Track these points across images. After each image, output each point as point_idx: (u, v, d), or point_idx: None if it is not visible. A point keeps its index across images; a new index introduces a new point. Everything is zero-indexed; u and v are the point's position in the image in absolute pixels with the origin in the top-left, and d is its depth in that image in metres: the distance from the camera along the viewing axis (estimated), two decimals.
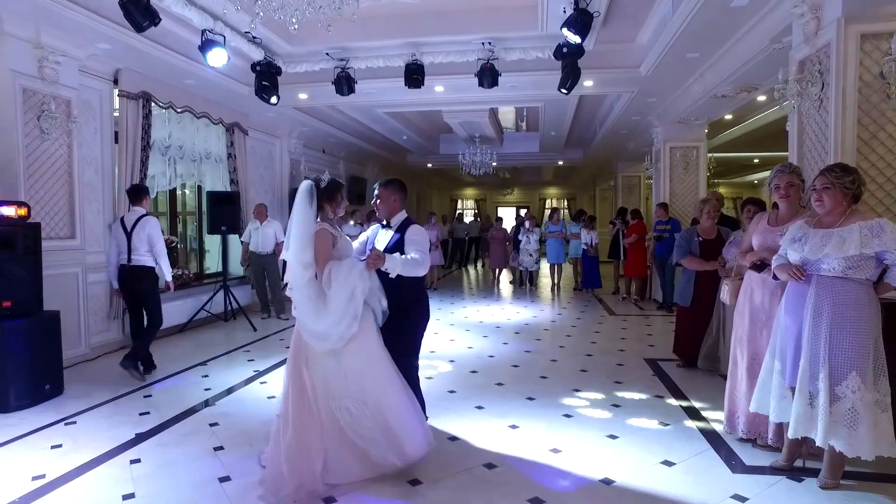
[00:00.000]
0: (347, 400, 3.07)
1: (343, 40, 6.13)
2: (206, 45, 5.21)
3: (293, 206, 3.22)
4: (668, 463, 3.33)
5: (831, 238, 2.84)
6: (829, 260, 2.82)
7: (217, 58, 5.32)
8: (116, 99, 6.35)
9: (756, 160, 14.51)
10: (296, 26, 3.43)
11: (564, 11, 5.06)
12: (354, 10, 3.48)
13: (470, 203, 28.64)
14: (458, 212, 26.37)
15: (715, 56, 5.85)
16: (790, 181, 3.39)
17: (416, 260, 3.32)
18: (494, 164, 14.03)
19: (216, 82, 6.88)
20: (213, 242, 8.57)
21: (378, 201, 3.57)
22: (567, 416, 4.16)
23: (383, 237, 3.57)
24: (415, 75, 6.28)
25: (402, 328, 3.42)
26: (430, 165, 17.45)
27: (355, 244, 3.64)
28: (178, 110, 7.12)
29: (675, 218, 8.69)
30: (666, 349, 6.14)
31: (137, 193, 5.27)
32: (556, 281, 11.64)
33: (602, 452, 3.51)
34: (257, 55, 6.15)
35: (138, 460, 3.40)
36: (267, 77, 6.19)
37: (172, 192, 7.79)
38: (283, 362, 5.72)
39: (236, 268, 8.54)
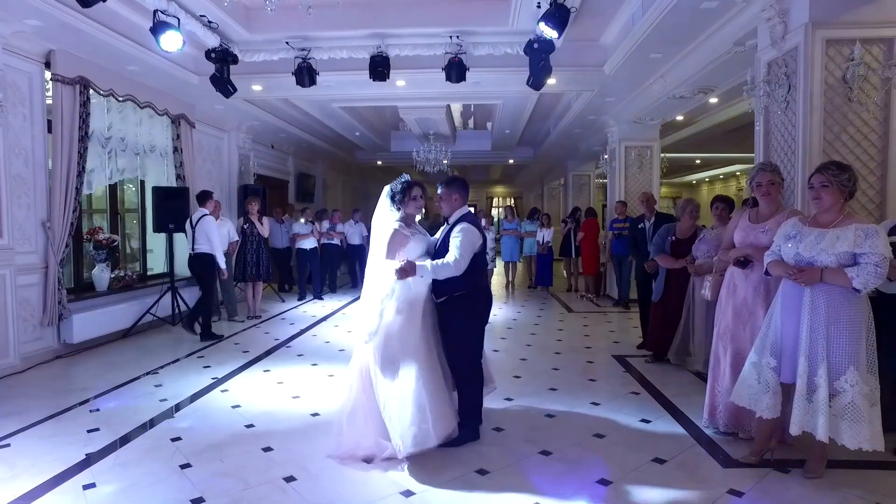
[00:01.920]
0: None
1: (305, 29, 5.83)
2: (158, 28, 4.79)
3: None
4: (659, 460, 3.32)
5: (825, 237, 2.90)
6: (822, 257, 2.87)
7: (171, 42, 4.90)
8: (49, 84, 5.78)
9: (698, 161, 15.16)
10: (273, 7, 3.17)
11: (539, 6, 5.00)
12: None
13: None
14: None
15: (678, 57, 5.97)
16: (771, 179, 3.46)
17: (447, 264, 3.33)
18: (445, 161, 13.94)
19: (163, 69, 6.40)
20: (156, 241, 8.00)
21: (440, 201, 3.62)
22: (549, 416, 4.10)
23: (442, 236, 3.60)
24: (380, 68, 6.06)
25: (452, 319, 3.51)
26: (379, 163, 17.15)
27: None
28: (120, 99, 6.58)
29: (632, 216, 8.83)
30: (631, 345, 6.24)
31: (201, 197, 6.91)
32: (510, 279, 11.68)
33: (593, 452, 3.46)
34: (212, 41, 5.74)
35: (93, 485, 3.05)
36: (225, 66, 5.79)
37: (113, 188, 7.19)
38: (242, 368, 5.39)
39: (183, 268, 8.00)
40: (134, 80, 6.70)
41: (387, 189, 3.59)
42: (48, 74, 5.74)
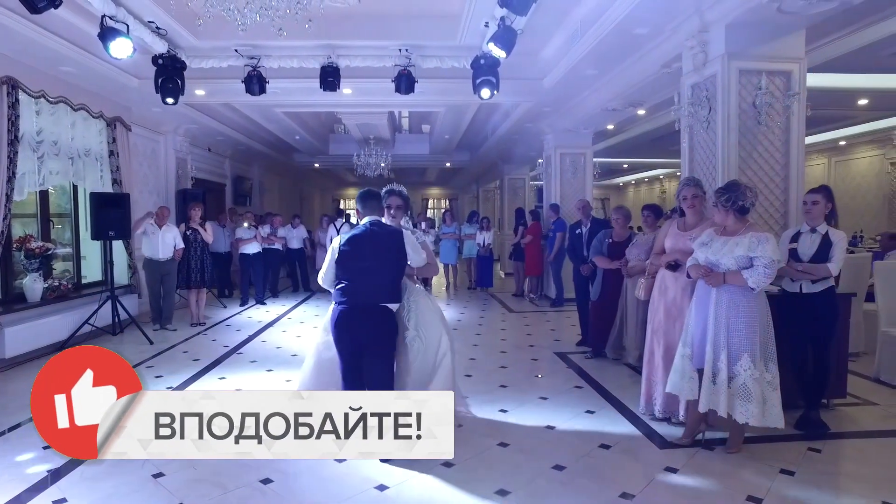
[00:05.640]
0: None
1: (255, 38, 5.83)
2: (107, 34, 4.67)
3: None
4: (605, 446, 3.70)
5: (728, 244, 3.45)
6: (724, 260, 3.42)
7: (121, 48, 4.79)
8: None
9: (625, 165, 16.13)
10: (242, 28, 3.25)
11: (487, 25, 5.31)
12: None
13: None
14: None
15: (611, 74, 6.48)
16: (695, 193, 3.96)
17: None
18: (383, 164, 14.08)
19: (101, 72, 6.20)
20: (90, 248, 7.68)
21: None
22: (503, 410, 4.40)
23: None
24: (330, 78, 6.17)
25: None
26: (317, 165, 17.02)
27: None
28: (52, 100, 6.29)
29: (562, 219, 9.26)
30: (570, 343, 6.68)
31: (341, 214, 9.47)
32: (450, 280, 11.96)
33: (546, 442, 3.80)
34: (160, 47, 5.64)
35: (64, 500, 3.04)
36: (172, 73, 5.69)
37: (43, 192, 6.84)
38: (196, 376, 5.36)
39: (121, 276, 7.74)
40: (68, 81, 6.44)
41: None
42: None
